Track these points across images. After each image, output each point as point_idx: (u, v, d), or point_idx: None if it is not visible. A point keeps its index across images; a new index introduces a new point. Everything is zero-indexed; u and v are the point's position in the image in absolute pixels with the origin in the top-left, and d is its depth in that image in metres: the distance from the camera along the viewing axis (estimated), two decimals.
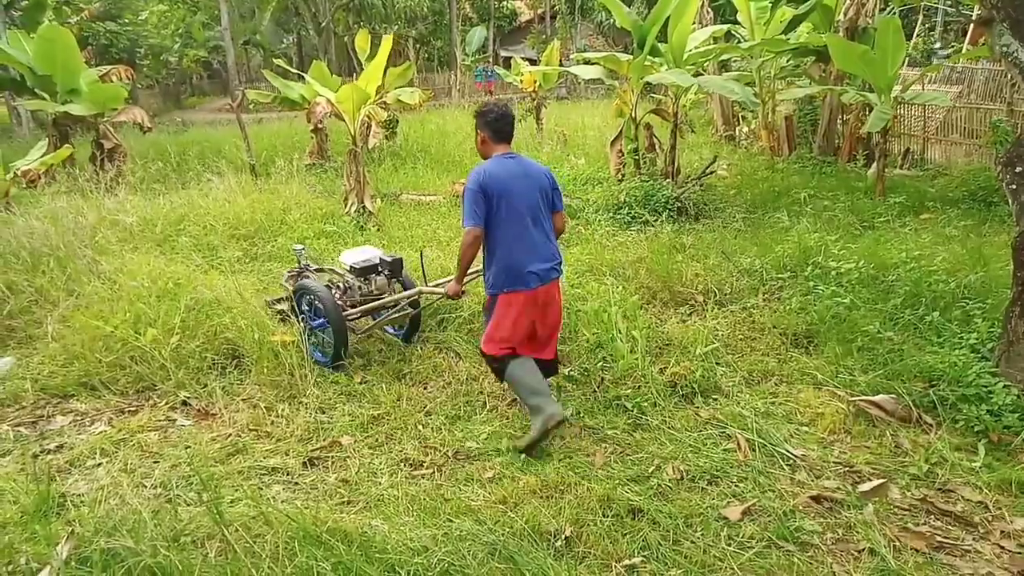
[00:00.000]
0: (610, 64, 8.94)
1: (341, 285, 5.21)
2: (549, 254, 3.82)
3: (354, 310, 4.87)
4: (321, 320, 4.84)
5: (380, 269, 5.15)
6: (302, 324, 4.94)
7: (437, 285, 4.81)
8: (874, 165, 8.95)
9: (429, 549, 2.76)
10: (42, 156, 8.97)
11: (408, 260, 6.62)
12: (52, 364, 4.78)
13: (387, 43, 8.00)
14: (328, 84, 10.96)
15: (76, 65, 10.27)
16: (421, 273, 5.02)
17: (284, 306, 5.22)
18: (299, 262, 5.66)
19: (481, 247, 3.82)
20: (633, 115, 9.09)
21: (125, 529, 2.86)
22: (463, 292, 4.11)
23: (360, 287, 5.12)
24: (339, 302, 4.93)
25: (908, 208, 7.66)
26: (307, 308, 4.99)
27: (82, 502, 3.29)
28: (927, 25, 16.19)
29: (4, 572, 2.66)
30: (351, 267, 5.11)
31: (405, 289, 5.15)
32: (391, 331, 5.42)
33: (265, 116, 20.14)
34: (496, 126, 3.85)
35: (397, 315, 5.00)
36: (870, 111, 8.78)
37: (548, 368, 4.10)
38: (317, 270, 5.67)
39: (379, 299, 5.02)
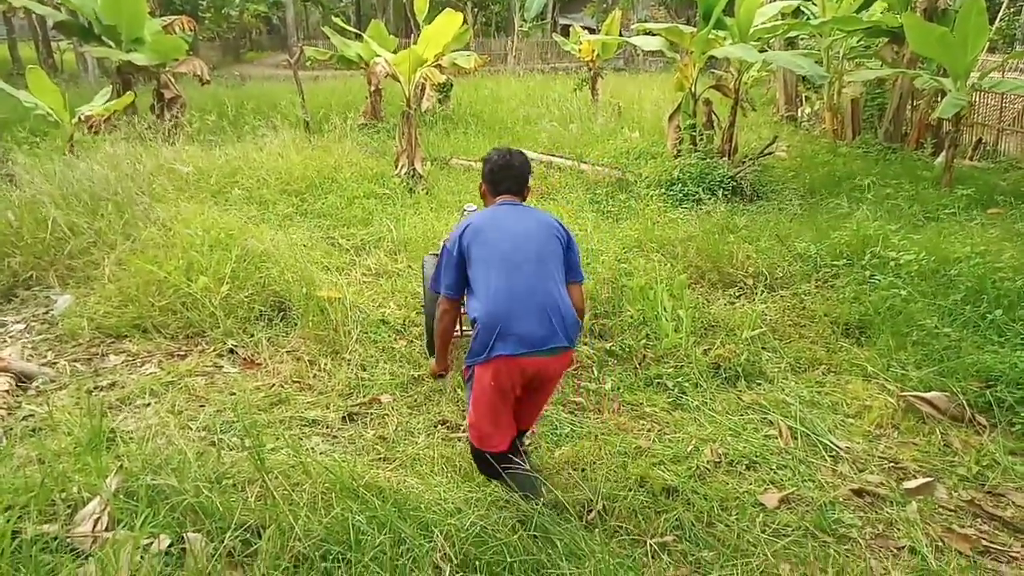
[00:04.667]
0: (672, 36, 8.70)
1: None
2: (550, 307, 2.79)
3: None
4: None
5: None
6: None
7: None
8: (942, 154, 8.57)
9: (462, 511, 2.78)
10: (105, 103, 9.18)
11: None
12: (108, 305, 4.93)
13: (448, 17, 7.82)
14: (385, 44, 10.95)
15: (141, 15, 10.42)
16: None
17: None
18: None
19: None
20: (693, 90, 8.85)
21: (170, 468, 2.94)
22: (446, 371, 3.28)
23: None
24: None
25: (976, 201, 7.32)
26: None
27: (131, 439, 3.41)
28: (1012, 9, 15.33)
29: (58, 499, 2.77)
30: None
31: None
32: None
33: (321, 74, 20.23)
34: (493, 178, 3.09)
35: None
36: (943, 97, 8.38)
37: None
38: None
39: None
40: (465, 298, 2.98)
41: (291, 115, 11.58)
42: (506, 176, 3.07)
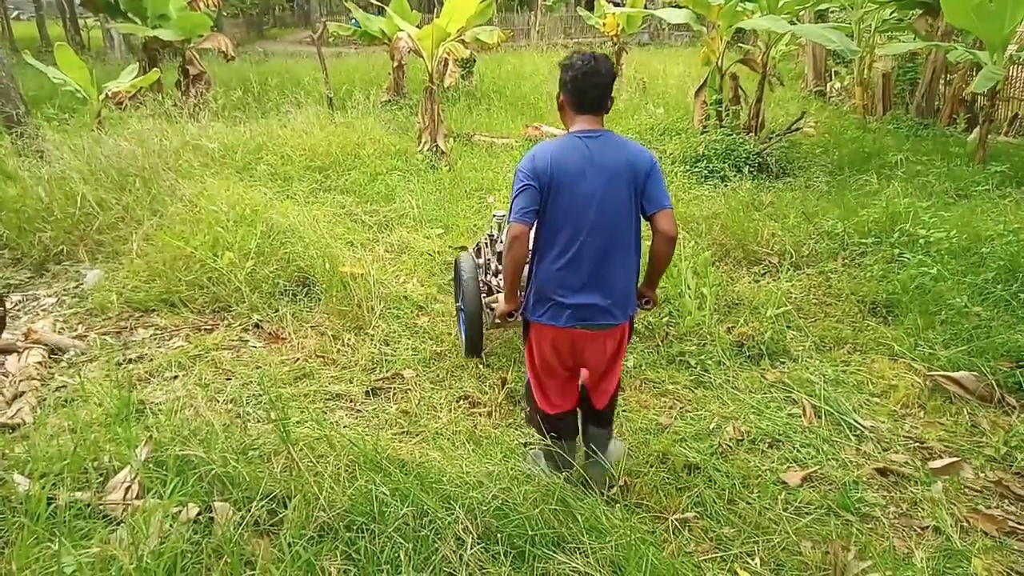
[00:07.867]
0: (699, 8, 8.53)
1: (493, 265, 4.42)
2: (606, 286, 2.68)
3: (490, 297, 4.16)
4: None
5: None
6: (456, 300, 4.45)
7: (495, 300, 3.91)
8: (976, 130, 8.34)
9: (484, 485, 2.80)
10: (132, 79, 9.25)
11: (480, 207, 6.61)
12: (136, 279, 5.01)
13: None
14: (407, 18, 10.87)
15: None
16: None
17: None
18: (492, 229, 4.58)
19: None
20: (719, 64, 8.69)
21: (198, 439, 3.00)
22: (517, 308, 2.91)
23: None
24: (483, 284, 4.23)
25: (1010, 178, 7.13)
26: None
27: (159, 410, 3.47)
28: None
29: (90, 467, 2.84)
30: (497, 249, 4.33)
31: None
32: None
33: (344, 50, 20.19)
34: (576, 87, 2.67)
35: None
36: (978, 71, 8.15)
37: (592, 418, 3.09)
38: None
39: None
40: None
41: (315, 91, 11.59)
42: (591, 84, 2.66)
